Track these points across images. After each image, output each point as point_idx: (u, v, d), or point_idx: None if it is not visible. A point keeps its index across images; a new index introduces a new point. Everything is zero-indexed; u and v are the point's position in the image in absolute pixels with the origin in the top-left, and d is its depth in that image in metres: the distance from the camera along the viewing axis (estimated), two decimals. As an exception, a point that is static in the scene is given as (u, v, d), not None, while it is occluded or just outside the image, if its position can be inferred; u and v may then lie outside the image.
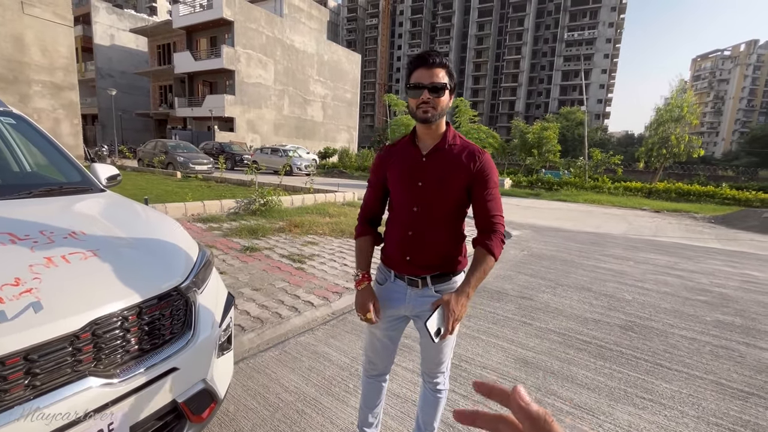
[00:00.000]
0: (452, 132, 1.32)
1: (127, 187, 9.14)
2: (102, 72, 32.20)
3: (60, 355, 1.03)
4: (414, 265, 1.34)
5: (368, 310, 1.40)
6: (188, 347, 1.36)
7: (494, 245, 1.26)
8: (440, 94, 1.20)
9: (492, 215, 1.28)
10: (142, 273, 1.32)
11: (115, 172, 2.34)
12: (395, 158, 1.37)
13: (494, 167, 1.30)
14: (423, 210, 1.30)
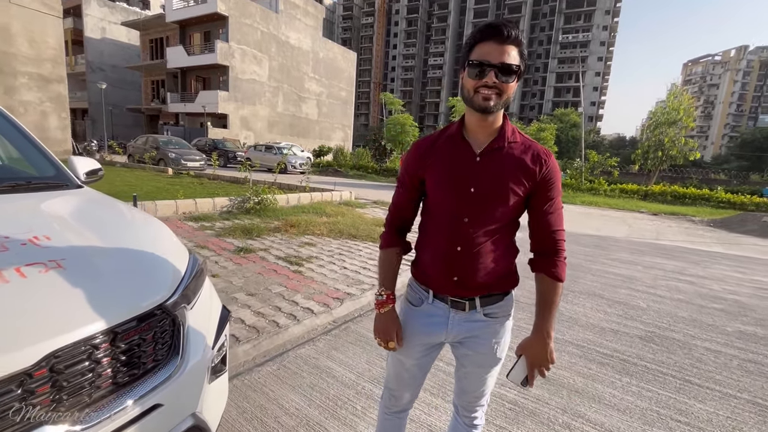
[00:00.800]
0: (511, 126, 1.07)
1: (116, 184, 8.81)
2: (92, 66, 31.49)
3: (5, 400, 0.79)
4: (463, 286, 1.11)
5: (392, 339, 1.19)
6: (175, 377, 1.12)
7: (561, 270, 1.08)
8: (510, 78, 0.96)
9: (554, 231, 1.08)
10: (118, 288, 1.08)
11: (96, 166, 2.08)
12: (438, 156, 1.10)
13: (558, 171, 1.09)
14: (475, 221, 1.06)
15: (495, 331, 1.14)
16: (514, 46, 0.95)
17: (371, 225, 6.56)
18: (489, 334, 1.14)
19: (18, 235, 1.11)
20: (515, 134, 1.08)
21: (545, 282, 1.08)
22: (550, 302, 1.07)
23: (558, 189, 1.08)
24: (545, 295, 1.08)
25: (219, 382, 1.46)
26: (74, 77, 30.92)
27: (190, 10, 26.71)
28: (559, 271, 1.07)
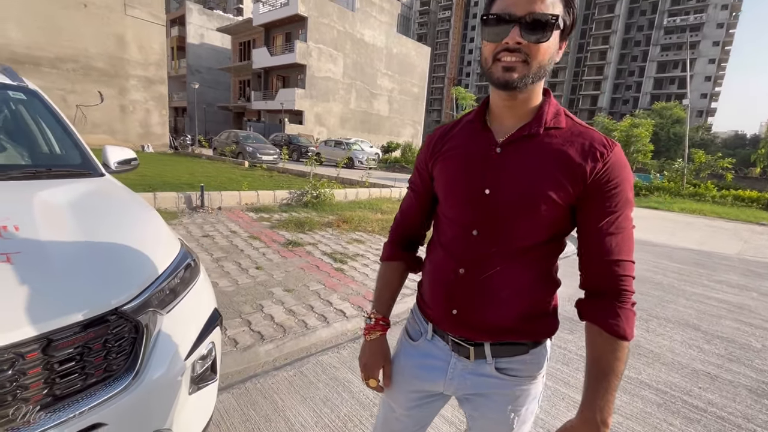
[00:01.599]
0: (554, 107, 0.76)
1: (196, 174, 9.63)
2: (192, 68, 35.28)
3: None
4: (464, 324, 0.82)
5: (373, 376, 0.94)
6: (126, 393, 0.99)
7: (624, 321, 0.70)
8: (543, 35, 0.66)
9: (614, 261, 0.72)
10: (66, 287, 0.97)
11: (131, 155, 2.11)
12: (450, 147, 0.84)
13: (629, 172, 0.74)
14: (488, 236, 0.77)
15: (513, 396, 0.83)
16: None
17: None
18: (503, 398, 0.83)
19: (-12, 222, 1.06)
20: (559, 118, 0.75)
21: (599, 339, 0.72)
22: (605, 371, 0.70)
23: (626, 198, 0.72)
24: (599, 359, 0.71)
25: (204, 393, 1.33)
26: (177, 79, 35.02)
27: (274, 13, 28.49)
28: (622, 324, 0.70)
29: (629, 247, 0.73)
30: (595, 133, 0.74)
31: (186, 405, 1.22)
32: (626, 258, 0.72)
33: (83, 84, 14.84)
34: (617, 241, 0.72)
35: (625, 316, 0.71)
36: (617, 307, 0.71)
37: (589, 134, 0.74)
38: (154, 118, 16.95)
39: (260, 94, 30.56)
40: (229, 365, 2.19)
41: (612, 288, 0.72)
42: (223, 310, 2.80)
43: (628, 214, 0.73)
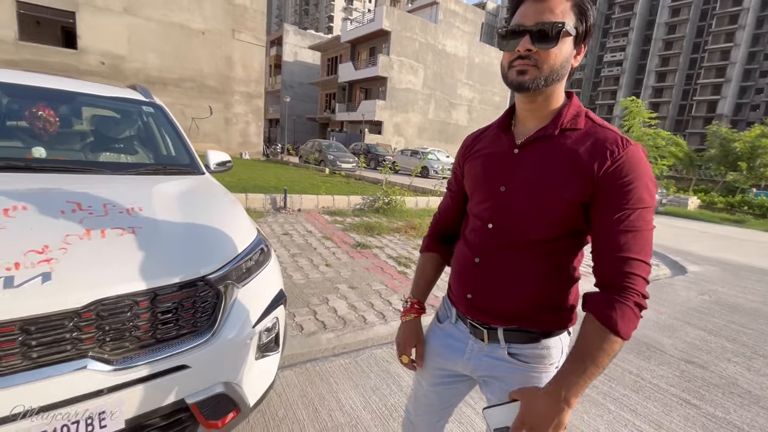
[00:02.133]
0: (574, 109, 0.81)
1: (282, 179, 10.57)
2: (285, 84, 38.79)
3: (59, 331, 0.99)
4: (477, 308, 0.90)
5: (406, 353, 1.06)
6: (206, 345, 1.22)
7: (619, 314, 0.71)
8: (551, 42, 0.73)
9: (622, 258, 0.72)
10: (170, 256, 1.24)
11: (226, 158, 2.50)
12: (479, 148, 0.94)
13: (646, 172, 0.74)
14: (502, 228, 0.85)
15: (525, 382, 0.87)
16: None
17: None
18: (516, 383, 0.87)
19: (124, 204, 1.40)
20: (578, 119, 0.80)
21: (590, 325, 0.73)
22: (584, 355, 0.72)
23: (638, 197, 0.72)
24: (584, 342, 0.73)
25: (268, 361, 1.54)
26: (273, 94, 38.75)
27: (360, 29, 30.11)
28: (615, 316, 0.70)
29: (641, 247, 0.72)
30: (612, 133, 0.77)
31: (252, 367, 1.44)
32: (636, 257, 0.72)
33: (198, 100, 17.31)
34: (627, 238, 0.72)
35: (621, 310, 0.71)
36: (615, 300, 0.71)
37: (604, 134, 0.77)
38: (252, 129, 19.04)
39: (344, 105, 32.39)
40: (294, 347, 2.43)
41: (616, 283, 0.73)
42: (293, 299, 3.11)
43: (644, 214, 0.73)
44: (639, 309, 0.71)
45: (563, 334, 0.89)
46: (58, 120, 2.04)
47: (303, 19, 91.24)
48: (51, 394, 0.96)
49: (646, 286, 0.72)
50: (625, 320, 0.70)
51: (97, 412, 1.02)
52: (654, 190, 0.75)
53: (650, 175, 0.75)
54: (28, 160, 1.73)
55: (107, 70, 15.32)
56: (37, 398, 0.94)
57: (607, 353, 0.71)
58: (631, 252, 0.72)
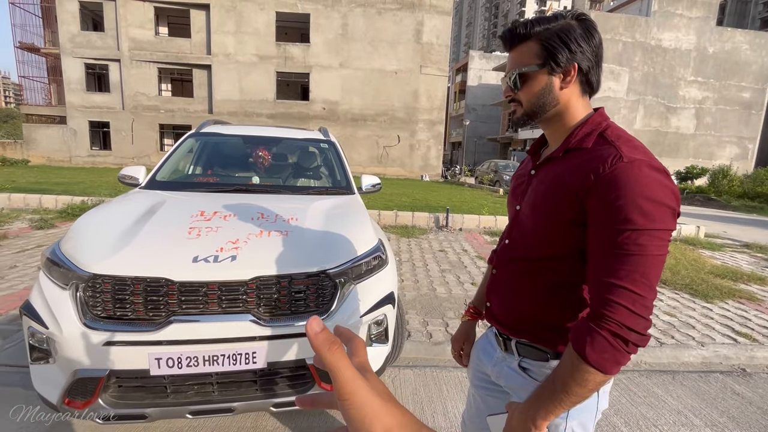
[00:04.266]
0: (588, 128, 0.80)
1: (453, 200, 11.04)
2: (468, 108, 40.04)
3: (236, 293, 1.56)
4: (494, 317, 0.98)
5: (456, 348, 1.20)
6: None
7: (589, 342, 0.67)
8: (522, 82, 0.82)
9: (605, 283, 0.68)
10: (305, 253, 1.71)
11: (377, 181, 3.02)
12: (517, 169, 1.05)
13: (637, 189, 0.67)
14: (512, 245, 0.94)
15: None
16: (524, 43, 0.81)
17: (709, 274, 4.74)
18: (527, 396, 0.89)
19: (286, 215, 1.99)
20: (587, 138, 0.79)
21: (567, 349, 0.73)
22: (556, 380, 0.71)
23: (626, 217, 0.66)
24: (558, 367, 0.73)
25: (376, 350, 1.85)
26: (456, 118, 40.54)
27: (548, 42, 28.33)
28: (586, 345, 0.67)
29: (628, 273, 0.66)
30: (612, 150, 0.72)
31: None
32: (617, 282, 0.67)
33: (389, 130, 20.02)
34: (612, 261, 0.68)
35: (592, 337, 0.67)
36: (590, 327, 0.68)
37: (602, 152, 0.73)
38: (432, 153, 20.57)
39: (527, 123, 30.89)
40: (420, 351, 2.67)
41: (594, 308, 0.70)
42: (431, 310, 3.36)
43: (635, 237, 0.66)
44: (619, 340, 0.66)
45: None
46: (270, 157, 2.96)
47: (491, 42, 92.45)
48: (229, 331, 1.52)
49: (631, 316, 0.66)
50: (596, 349, 0.67)
51: (251, 351, 1.54)
52: (657, 212, 0.66)
53: (648, 193, 0.67)
54: (249, 185, 2.62)
55: (326, 113, 19.63)
56: (221, 332, 1.51)
57: (578, 381, 0.68)
58: (612, 277, 0.68)
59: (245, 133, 3.08)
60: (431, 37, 19.64)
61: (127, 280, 1.49)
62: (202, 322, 1.50)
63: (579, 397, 0.70)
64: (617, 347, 0.66)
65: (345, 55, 19.33)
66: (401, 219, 6.91)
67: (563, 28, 0.78)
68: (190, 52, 18.93)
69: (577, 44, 0.77)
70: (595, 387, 0.69)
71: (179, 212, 1.99)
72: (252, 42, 18.91)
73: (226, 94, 19.18)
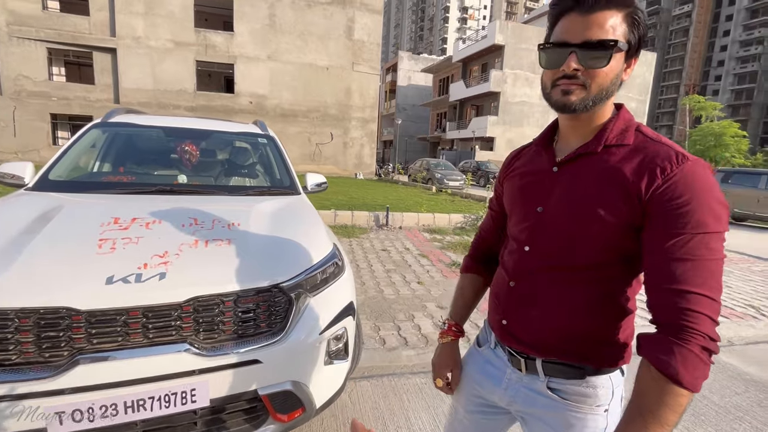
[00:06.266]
0: (622, 123, 0.74)
1: (389, 198, 11.07)
2: (399, 107, 40.89)
3: (167, 319, 1.26)
4: (512, 336, 0.85)
5: (441, 376, 1.03)
6: (277, 345, 1.39)
7: (680, 362, 0.59)
8: (601, 59, 0.67)
9: (680, 291, 0.61)
10: (253, 265, 1.46)
11: (322, 180, 2.80)
12: (518, 165, 0.91)
13: (708, 192, 0.63)
14: (538, 251, 0.80)
15: (567, 423, 0.79)
16: (611, 10, 0.66)
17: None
18: (557, 422, 0.80)
19: (227, 220, 1.71)
20: (627, 134, 0.72)
21: (646, 374, 0.63)
22: (644, 410, 0.62)
23: (699, 220, 0.61)
24: (641, 395, 0.63)
25: (336, 368, 1.66)
26: (387, 117, 41.16)
27: (472, 47, 30.10)
28: (674, 363, 0.59)
29: (704, 279, 0.61)
30: (665, 147, 0.68)
31: (321, 371, 1.57)
32: (695, 290, 0.60)
33: (321, 127, 19.54)
34: (685, 268, 0.61)
35: (682, 355, 0.59)
36: (674, 343, 0.60)
37: (656, 149, 0.68)
38: (366, 151, 20.57)
39: (454, 124, 32.50)
40: (374, 359, 2.53)
41: (674, 322, 0.62)
42: (381, 313, 3.23)
43: (707, 240, 0.62)
44: (707, 354, 0.60)
45: (614, 373, 0.79)
46: (198, 152, 2.59)
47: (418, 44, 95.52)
48: (160, 367, 1.23)
49: (713, 326, 0.61)
50: (689, 368, 0.59)
51: (189, 388, 1.26)
52: (723, 213, 0.63)
53: (716, 195, 0.63)
54: (174, 185, 2.24)
55: (254, 108, 18.51)
56: (149, 369, 1.22)
57: (671, 408, 0.60)
58: (689, 285, 0.61)
59: (167, 125, 2.64)
60: (363, 34, 19.57)
61: (9, 313, 1.12)
62: (121, 359, 1.19)
63: (672, 426, 0.61)
64: (706, 362, 0.60)
65: (273, 47, 18.40)
66: (341, 218, 6.70)
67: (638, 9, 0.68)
68: (89, 32, 16.50)
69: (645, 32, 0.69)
70: (684, 410, 0.61)
71: (84, 220, 1.60)
72: (166, 26, 17.08)
73: (135, 82, 17.10)
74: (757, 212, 10.38)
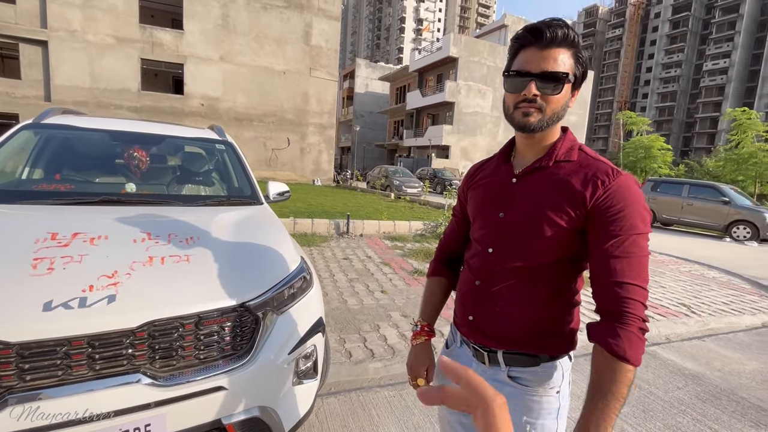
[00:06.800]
0: (568, 143, 0.88)
1: (349, 204, 11.00)
2: (357, 114, 40.98)
3: (118, 347, 1.13)
4: (479, 331, 0.94)
5: (419, 375, 1.07)
6: (243, 369, 1.30)
7: (624, 342, 0.72)
8: (556, 88, 0.80)
9: (618, 283, 0.75)
10: (215, 283, 1.35)
11: (285, 189, 2.70)
12: (481, 178, 1.01)
13: (637, 200, 0.78)
14: (501, 253, 0.90)
15: (526, 407, 0.89)
16: (563, 48, 0.80)
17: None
18: (518, 407, 0.89)
19: (185, 234, 1.58)
20: (572, 152, 0.87)
21: (601, 358, 0.75)
22: (604, 390, 0.72)
23: (631, 224, 0.77)
24: (599, 378, 0.74)
25: (305, 388, 1.58)
26: (345, 124, 41.10)
27: (427, 58, 30.96)
28: (622, 344, 0.72)
29: (637, 272, 0.75)
30: (603, 164, 0.82)
31: (289, 393, 1.48)
32: (632, 281, 0.74)
33: (278, 132, 19.04)
34: (622, 264, 0.75)
35: (627, 337, 0.72)
36: (618, 327, 0.73)
37: (596, 165, 0.82)
38: (324, 157, 20.30)
39: (411, 132, 33.12)
40: (341, 374, 2.46)
41: (616, 310, 0.75)
42: (345, 325, 3.16)
43: (638, 240, 0.76)
44: (642, 333, 0.74)
45: (564, 359, 0.90)
46: (149, 159, 2.39)
47: (375, 53, 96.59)
48: (109, 402, 1.09)
49: (644, 310, 0.75)
50: (633, 347, 0.72)
51: (143, 424, 1.13)
52: (648, 217, 0.79)
53: (643, 203, 0.79)
54: (122, 195, 2.04)
55: (205, 110, 17.65)
56: (97, 405, 1.08)
57: (624, 383, 0.71)
58: (626, 277, 0.75)
59: (113, 128, 2.41)
60: (320, 40, 19.41)
61: None
62: (61, 397, 1.05)
63: (625, 398, 0.72)
64: (643, 339, 0.73)
65: (227, 48, 17.70)
66: (300, 226, 6.53)
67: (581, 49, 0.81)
68: (14, 22, 14.90)
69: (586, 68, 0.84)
70: (631, 383, 0.72)
71: (13, 235, 1.41)
72: (107, 20, 15.85)
73: (71, 79, 15.66)
74: (681, 218, 11.51)
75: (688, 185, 11.69)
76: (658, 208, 11.84)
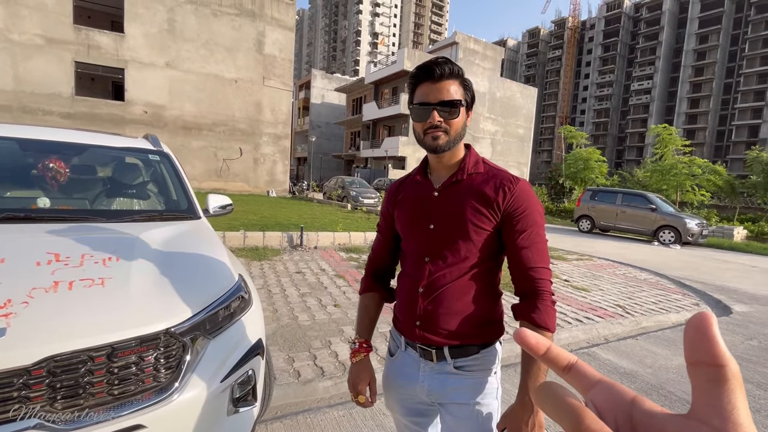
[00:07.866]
0: (474, 158, 1.03)
1: (304, 216, 10.76)
2: (313, 124, 40.61)
3: (6, 390, 0.97)
4: (427, 332, 1.01)
5: (360, 392, 1.10)
6: (166, 403, 1.17)
7: (545, 315, 0.92)
8: (453, 113, 0.94)
9: (531, 268, 0.94)
10: (134, 308, 1.23)
11: (227, 202, 2.55)
12: (404, 195, 1.10)
13: (534, 200, 0.97)
14: (436, 260, 1.00)
15: (472, 390, 1.00)
16: (452, 80, 0.94)
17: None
18: (465, 392, 1.00)
19: (103, 254, 1.42)
20: (479, 165, 1.02)
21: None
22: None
23: (533, 220, 0.96)
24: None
25: (242, 416, 1.46)
26: (301, 134, 40.54)
27: (383, 71, 31.49)
28: (543, 317, 0.91)
29: (541, 257, 0.95)
30: (505, 173, 0.99)
31: (223, 424, 1.37)
32: (540, 265, 0.94)
33: (229, 142, 18.32)
34: (531, 253, 0.94)
35: (545, 310, 0.91)
36: (537, 304, 0.92)
37: (501, 175, 0.98)
38: (279, 168, 19.81)
39: (368, 143, 33.33)
40: (288, 396, 2.33)
41: (532, 290, 0.93)
42: (295, 342, 3.03)
43: (539, 231, 0.96)
44: (553, 303, 0.93)
45: (496, 344, 1.04)
46: (68, 170, 2.16)
47: (331, 64, 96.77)
48: (-7, 457, 0.93)
49: (551, 285, 0.95)
50: (550, 317, 0.92)
51: (39, 478, 0.98)
52: (542, 211, 0.99)
53: (538, 202, 0.98)
54: (31, 211, 1.82)
55: (149, 118, 16.62)
56: (-24, 462, 0.92)
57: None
58: (536, 263, 0.94)
59: (24, 136, 2.15)
60: (274, 49, 19.08)
61: None
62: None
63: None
64: (554, 309, 0.94)
65: (173, 54, 16.86)
66: (251, 240, 6.26)
67: (467, 78, 0.98)
68: None
69: (473, 93, 0.99)
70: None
71: None
72: (35, 18, 14.53)
73: (-12, 80, 14.13)
74: (617, 224, 12.47)
75: (621, 194, 12.71)
76: (597, 216, 12.76)
